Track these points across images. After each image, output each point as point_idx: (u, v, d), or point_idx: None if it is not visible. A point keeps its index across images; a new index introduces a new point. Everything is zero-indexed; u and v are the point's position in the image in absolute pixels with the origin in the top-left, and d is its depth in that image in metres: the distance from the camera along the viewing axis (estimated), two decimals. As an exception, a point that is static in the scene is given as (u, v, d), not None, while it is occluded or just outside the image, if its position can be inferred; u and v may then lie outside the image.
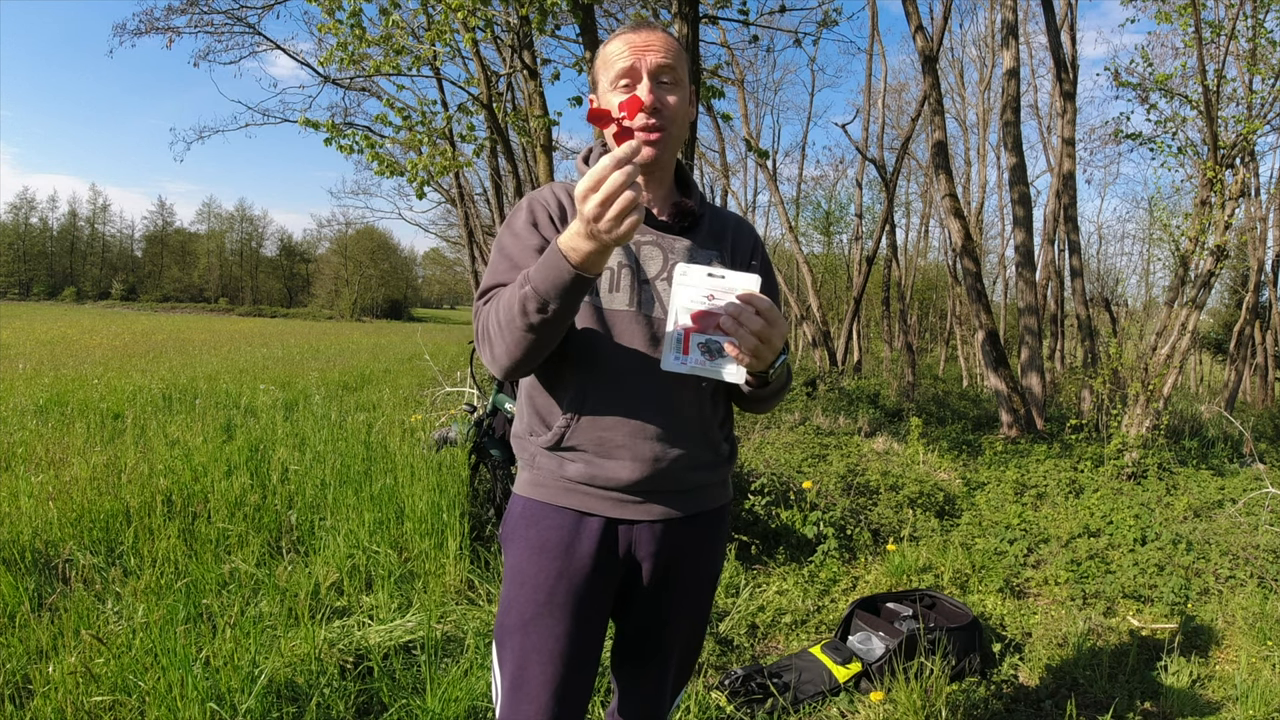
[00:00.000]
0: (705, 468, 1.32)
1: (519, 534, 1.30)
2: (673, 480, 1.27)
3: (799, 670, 2.55)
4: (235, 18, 10.28)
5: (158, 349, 14.63)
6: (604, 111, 1.10)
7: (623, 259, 1.26)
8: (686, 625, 1.39)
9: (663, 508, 1.28)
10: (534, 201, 1.31)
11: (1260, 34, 6.17)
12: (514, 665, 1.27)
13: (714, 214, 1.38)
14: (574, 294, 1.07)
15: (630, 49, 1.22)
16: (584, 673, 1.28)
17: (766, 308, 1.08)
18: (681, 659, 1.43)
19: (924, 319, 27.26)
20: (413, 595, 2.86)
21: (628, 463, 1.24)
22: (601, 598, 1.29)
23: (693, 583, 1.36)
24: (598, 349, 1.23)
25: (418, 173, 5.48)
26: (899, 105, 21.60)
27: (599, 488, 1.26)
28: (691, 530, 1.32)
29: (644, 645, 1.39)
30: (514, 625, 1.27)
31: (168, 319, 36.41)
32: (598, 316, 1.24)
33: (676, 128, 1.26)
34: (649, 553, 1.29)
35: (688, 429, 1.27)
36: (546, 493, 1.29)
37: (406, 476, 3.72)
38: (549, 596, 1.25)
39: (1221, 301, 22.55)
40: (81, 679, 2.05)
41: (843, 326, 15.58)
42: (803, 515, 3.85)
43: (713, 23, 7.16)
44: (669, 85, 1.24)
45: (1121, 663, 2.80)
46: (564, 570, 1.25)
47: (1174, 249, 6.59)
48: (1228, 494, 4.80)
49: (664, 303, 1.26)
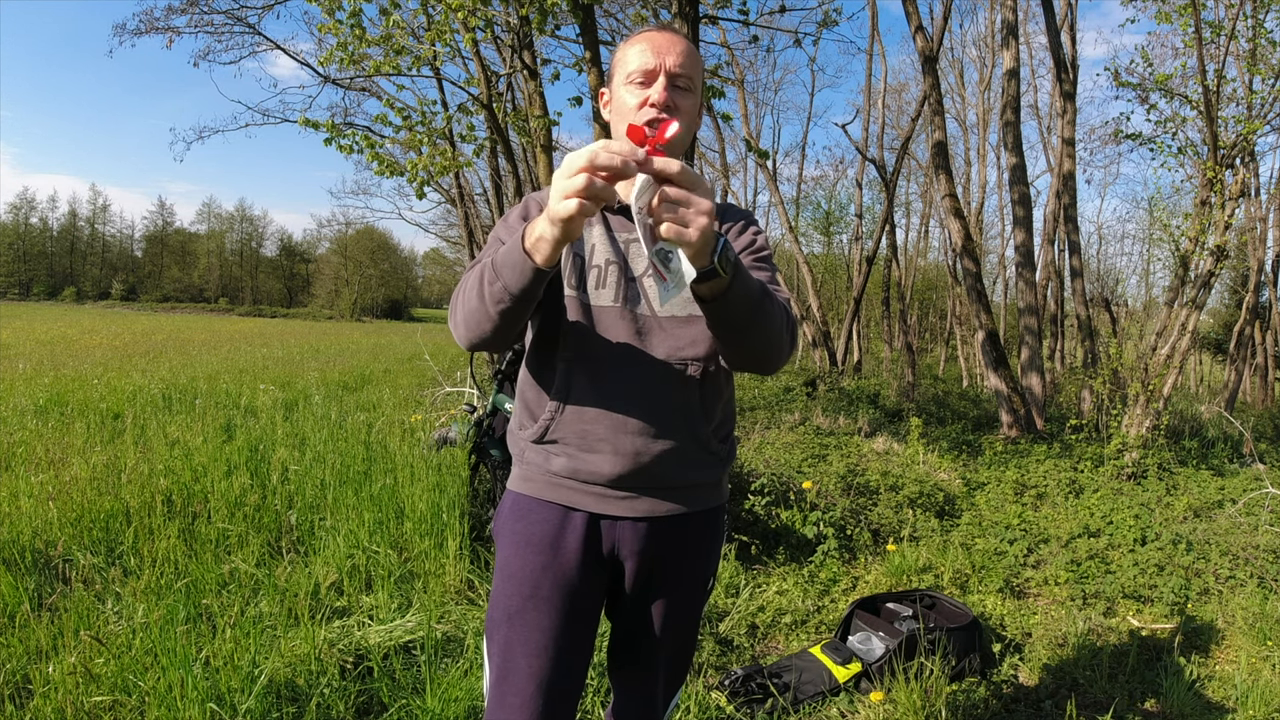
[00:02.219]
0: (696, 465, 1.30)
1: (507, 528, 1.32)
2: (659, 476, 1.27)
3: (799, 670, 2.55)
4: (235, 18, 10.27)
5: (158, 349, 14.63)
6: (639, 129, 1.03)
7: (611, 256, 1.28)
8: (674, 628, 1.37)
9: (648, 505, 1.28)
10: (531, 200, 1.33)
11: (1260, 34, 6.17)
12: (500, 657, 1.28)
13: None
14: (522, 276, 1.08)
15: (653, 49, 1.24)
16: (571, 667, 1.28)
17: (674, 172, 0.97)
18: (672, 662, 1.42)
19: (924, 319, 27.26)
20: (413, 595, 2.86)
21: (609, 456, 1.24)
22: (589, 593, 1.29)
23: (681, 585, 1.35)
24: (582, 343, 1.25)
25: (418, 173, 5.48)
26: (899, 105, 21.63)
27: (582, 481, 1.26)
28: (680, 530, 1.32)
29: (632, 646, 1.39)
30: (501, 618, 1.28)
31: (168, 319, 36.41)
32: (584, 311, 1.25)
33: (685, 132, 1.28)
34: (633, 550, 1.29)
35: (672, 424, 1.27)
36: (534, 487, 1.30)
37: (406, 476, 3.73)
38: (534, 590, 1.26)
39: (1221, 301, 22.57)
40: (81, 679, 2.05)
41: (843, 327, 15.58)
42: (803, 515, 3.85)
43: (713, 23, 7.16)
44: (683, 90, 1.26)
45: (1121, 663, 2.80)
46: (549, 564, 1.26)
47: (1174, 249, 6.59)
48: (1228, 494, 4.80)
49: (650, 300, 1.27)
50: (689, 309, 1.27)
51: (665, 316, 1.27)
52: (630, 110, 1.24)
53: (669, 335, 1.26)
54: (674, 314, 1.27)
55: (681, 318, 1.27)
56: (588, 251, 1.28)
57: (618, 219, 1.30)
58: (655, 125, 1.18)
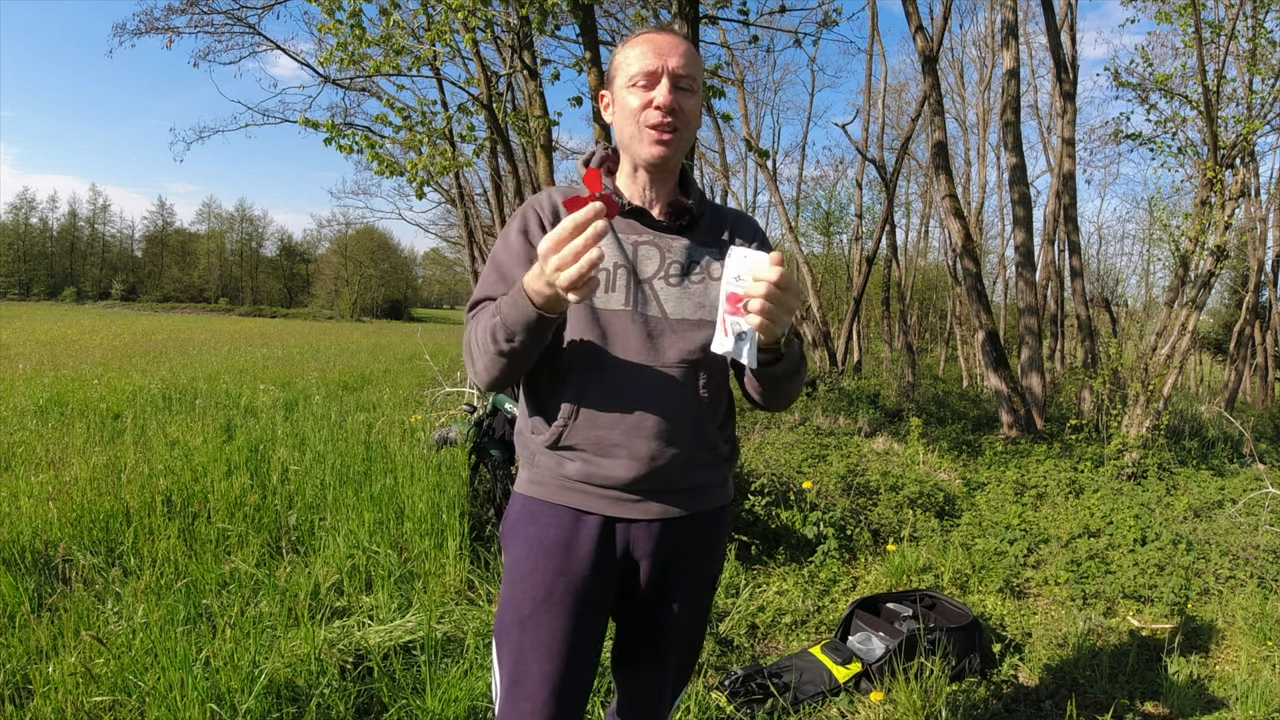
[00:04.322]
0: (704, 467, 1.32)
1: (519, 531, 1.31)
2: (670, 479, 1.27)
3: (799, 670, 2.55)
4: (235, 18, 10.26)
5: (158, 349, 14.63)
6: (595, 177, 1.10)
7: (619, 259, 1.27)
8: (685, 625, 1.39)
9: (660, 507, 1.28)
10: (528, 209, 1.32)
11: (1260, 34, 6.17)
12: (512, 662, 1.27)
13: (713, 211, 1.39)
14: (537, 330, 1.10)
15: (655, 51, 1.24)
16: (582, 670, 1.28)
17: (778, 276, 1.07)
18: (680, 659, 1.43)
19: (924, 319, 27.25)
20: (413, 595, 2.86)
21: (625, 461, 1.24)
22: (600, 595, 1.29)
23: (691, 583, 1.36)
24: (595, 349, 1.24)
25: (418, 173, 5.48)
26: (899, 105, 21.61)
27: (597, 486, 1.26)
28: (690, 530, 1.33)
29: (642, 645, 1.39)
30: (512, 622, 1.28)
31: (168, 319, 36.40)
32: (593, 317, 1.24)
33: (689, 131, 1.28)
34: (647, 552, 1.29)
35: (685, 427, 1.27)
36: (546, 491, 1.29)
37: (406, 477, 3.72)
38: (547, 594, 1.25)
39: (1221, 301, 22.56)
40: (81, 679, 2.05)
41: (843, 327, 15.58)
42: (803, 515, 3.85)
43: (713, 23, 7.15)
44: (686, 91, 1.25)
45: (1121, 663, 2.80)
46: (563, 568, 1.26)
47: (1174, 249, 6.59)
48: (1228, 494, 4.80)
49: (660, 302, 1.27)
50: (700, 313, 1.28)
51: (677, 319, 1.27)
52: (634, 112, 1.24)
53: (680, 338, 1.26)
54: (685, 317, 1.28)
55: (693, 320, 1.28)
56: None
57: (623, 221, 1.30)
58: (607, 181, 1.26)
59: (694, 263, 1.31)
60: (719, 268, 1.31)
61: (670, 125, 1.23)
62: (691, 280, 1.30)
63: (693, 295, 1.28)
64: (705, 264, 1.31)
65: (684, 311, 1.27)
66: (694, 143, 5.12)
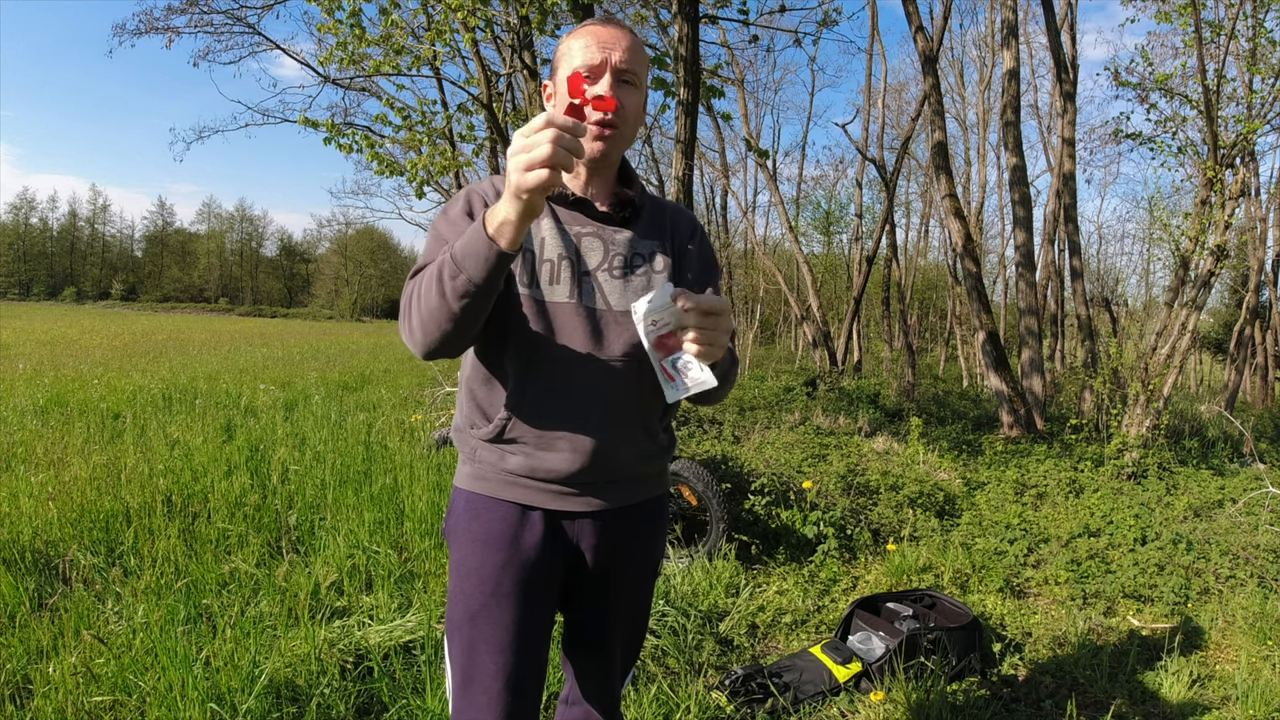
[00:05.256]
0: (645, 457, 1.33)
1: (462, 527, 1.31)
2: (613, 470, 1.29)
3: (799, 670, 2.55)
4: (235, 18, 10.27)
5: (158, 349, 14.63)
6: (579, 109, 1.07)
7: (563, 251, 1.25)
8: (629, 611, 1.42)
9: (602, 499, 1.30)
10: (472, 192, 1.30)
11: (1260, 34, 6.17)
12: (464, 658, 1.27)
13: (653, 204, 1.38)
14: (486, 265, 1.05)
15: (599, 44, 1.22)
16: (534, 662, 1.29)
17: (710, 305, 1.08)
18: (627, 641, 1.46)
19: (924, 319, 27.26)
20: (413, 595, 2.86)
21: (567, 454, 1.25)
22: (547, 588, 1.30)
23: (633, 571, 1.39)
24: (538, 341, 1.23)
25: (417, 172, 5.48)
26: (899, 105, 21.59)
27: (540, 480, 1.27)
28: (631, 521, 1.35)
29: (590, 632, 1.41)
30: (462, 618, 1.28)
31: (168, 319, 36.40)
32: (538, 309, 1.23)
33: (629, 128, 1.26)
34: (591, 544, 1.31)
35: (627, 420, 1.28)
36: (489, 486, 1.29)
37: (406, 476, 3.73)
38: (495, 587, 1.26)
39: (1221, 301, 22.55)
40: (81, 679, 2.05)
41: (843, 326, 15.58)
42: (803, 515, 3.85)
43: (713, 22, 7.15)
44: (629, 86, 1.24)
45: (1121, 663, 2.80)
46: (509, 561, 1.26)
47: (1174, 249, 6.59)
48: (1228, 494, 4.80)
49: (605, 294, 1.26)
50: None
51: (620, 311, 1.26)
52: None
53: (625, 330, 1.25)
54: (629, 309, 1.26)
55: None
56: (537, 246, 1.25)
57: (566, 213, 1.28)
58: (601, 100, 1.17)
59: (637, 255, 1.30)
60: (661, 260, 1.31)
61: (609, 122, 1.21)
62: (635, 273, 1.29)
63: (636, 288, 1.27)
64: (649, 256, 1.31)
65: (627, 304, 1.26)
66: (694, 143, 5.06)
